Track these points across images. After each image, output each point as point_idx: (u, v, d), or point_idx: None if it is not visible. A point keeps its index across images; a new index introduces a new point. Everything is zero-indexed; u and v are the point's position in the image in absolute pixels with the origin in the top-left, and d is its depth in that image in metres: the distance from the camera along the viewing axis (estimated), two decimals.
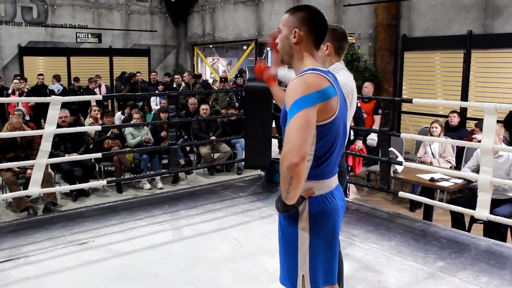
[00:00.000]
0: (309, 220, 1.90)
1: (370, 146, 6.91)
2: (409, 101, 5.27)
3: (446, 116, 7.15)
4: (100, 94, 11.00)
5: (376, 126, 6.66)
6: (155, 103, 10.21)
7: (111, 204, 5.17)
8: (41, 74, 11.12)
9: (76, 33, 13.17)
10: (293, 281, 1.96)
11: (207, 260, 3.74)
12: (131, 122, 7.32)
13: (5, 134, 5.20)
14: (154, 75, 11.94)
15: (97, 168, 6.95)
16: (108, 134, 6.98)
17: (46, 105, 4.61)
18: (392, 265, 3.68)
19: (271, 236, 4.26)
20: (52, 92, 10.02)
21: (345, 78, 2.52)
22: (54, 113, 4.45)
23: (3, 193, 5.84)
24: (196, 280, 3.42)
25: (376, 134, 6.04)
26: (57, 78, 11.03)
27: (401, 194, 4.89)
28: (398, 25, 8.68)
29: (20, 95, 9.64)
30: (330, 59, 2.52)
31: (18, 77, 10.68)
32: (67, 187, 5.91)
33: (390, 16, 8.63)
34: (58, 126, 4.85)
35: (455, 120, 6.91)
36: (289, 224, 1.93)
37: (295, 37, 1.89)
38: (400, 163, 5.06)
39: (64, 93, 10.28)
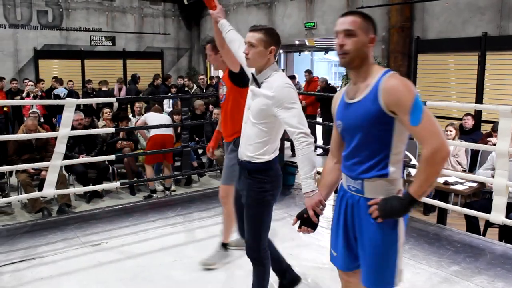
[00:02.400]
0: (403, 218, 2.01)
1: None
2: (423, 103, 5.22)
3: (461, 119, 7.07)
4: (120, 96, 11.19)
5: None
6: (168, 105, 10.27)
7: (124, 206, 5.20)
8: (55, 77, 11.25)
9: (90, 36, 13.31)
10: (390, 280, 2.00)
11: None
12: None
13: (20, 136, 5.27)
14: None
15: (110, 170, 7.00)
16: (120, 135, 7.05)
17: (60, 108, 4.65)
18: (406, 268, 3.62)
19: (283, 239, 4.25)
20: (57, 97, 10.09)
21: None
22: (69, 116, 4.48)
23: (18, 194, 5.90)
24: (209, 282, 3.42)
25: None
26: (59, 81, 11.11)
27: None
28: (411, 27, 8.64)
29: (35, 98, 9.75)
30: (269, 60, 2.54)
31: (27, 80, 10.83)
32: (81, 189, 5.96)
33: (403, 18, 8.59)
34: (74, 128, 4.90)
35: (469, 123, 6.84)
36: (389, 227, 1.97)
37: (371, 43, 1.96)
38: (414, 166, 5.01)
39: (69, 96, 10.28)
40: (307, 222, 2.20)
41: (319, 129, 10.20)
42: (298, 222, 2.23)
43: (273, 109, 2.42)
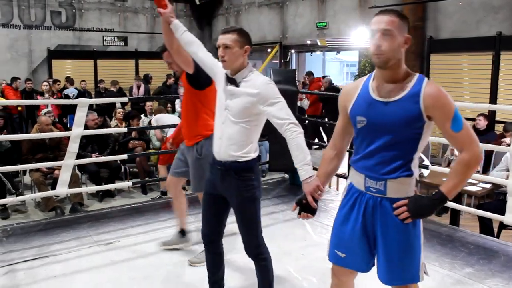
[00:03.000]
0: None
1: None
2: None
3: (474, 120, 7.01)
4: (138, 95, 11.29)
5: None
6: (179, 105, 10.31)
7: (136, 205, 5.23)
8: (68, 77, 11.35)
9: (103, 36, 13.41)
10: (416, 275, 2.06)
11: (231, 262, 3.74)
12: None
13: (34, 136, 5.33)
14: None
15: (122, 170, 7.04)
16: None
17: (71, 108, 4.69)
18: None
19: (294, 239, 4.25)
20: (67, 97, 10.17)
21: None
22: (82, 115, 4.52)
23: (32, 193, 5.96)
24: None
25: None
26: (70, 81, 11.19)
27: None
28: (424, 27, 8.57)
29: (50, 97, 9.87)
30: (245, 60, 2.57)
31: (51, 80, 10.95)
32: (93, 188, 6.02)
33: (416, 18, 8.52)
34: (88, 127, 4.94)
35: (481, 123, 6.75)
36: (413, 224, 2.03)
37: (406, 43, 1.97)
38: (426, 167, 4.98)
39: (82, 96, 10.34)
40: (306, 208, 2.24)
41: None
42: (298, 208, 2.27)
43: (258, 106, 2.49)
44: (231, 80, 2.58)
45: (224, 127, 2.60)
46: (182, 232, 4.00)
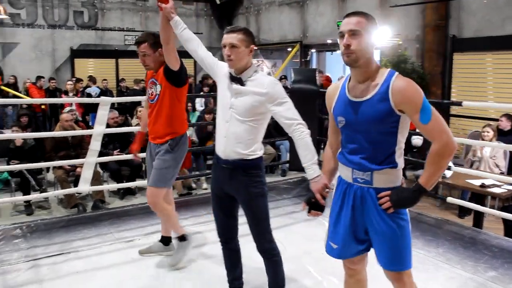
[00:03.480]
0: None
1: (416, 146, 6.72)
2: (459, 104, 5.06)
3: (498, 120, 6.87)
4: None
5: None
6: (200, 104, 10.35)
7: None
8: (90, 76, 11.50)
9: (124, 35, 13.56)
10: (408, 260, 2.18)
11: (251, 261, 3.73)
12: None
13: (57, 133, 5.42)
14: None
15: (143, 168, 7.10)
16: None
17: (93, 106, 4.74)
18: (440, 272, 3.57)
19: (314, 239, 4.22)
20: (89, 96, 10.29)
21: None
22: (103, 114, 4.57)
23: (55, 190, 6.05)
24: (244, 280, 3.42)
25: (423, 137, 5.89)
26: (93, 80, 11.30)
27: (450, 199, 4.72)
28: (447, 26, 8.43)
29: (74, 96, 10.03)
30: (250, 59, 2.62)
31: (74, 79, 11.11)
32: (114, 186, 6.08)
33: (438, 16, 8.40)
34: (108, 126, 4.99)
35: (503, 124, 6.59)
36: (401, 211, 2.14)
37: (373, 44, 2.09)
38: (449, 168, 4.90)
39: (103, 95, 10.47)
40: (316, 206, 2.35)
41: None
42: (307, 207, 2.36)
43: (266, 105, 2.53)
44: (236, 79, 2.60)
45: (229, 125, 2.60)
46: (166, 241, 3.85)
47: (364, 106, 2.07)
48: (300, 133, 2.47)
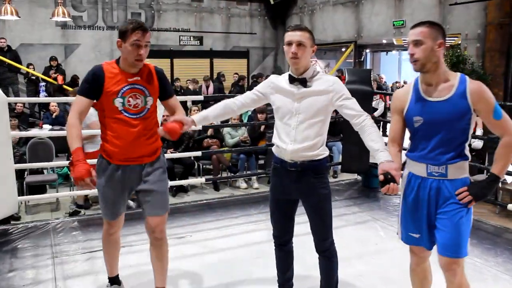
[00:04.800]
0: None
1: (475, 148, 6.42)
2: None
3: None
4: (208, 94, 11.58)
5: (479, 129, 6.21)
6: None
7: (208, 201, 5.32)
8: None
9: (179, 36, 13.83)
10: (464, 249, 2.33)
11: (301, 262, 3.70)
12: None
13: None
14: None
15: (196, 166, 7.21)
16: (208, 133, 7.23)
17: None
18: (499, 283, 3.39)
19: (365, 242, 4.13)
20: None
21: None
22: (158, 113, 4.65)
23: None
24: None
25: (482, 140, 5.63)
26: None
27: (511, 206, 4.48)
28: (511, 24, 8.02)
29: None
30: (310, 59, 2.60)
31: None
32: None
33: (502, 14, 8.01)
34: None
35: None
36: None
37: (439, 47, 2.25)
38: (510, 173, 4.64)
39: None
40: (392, 180, 2.31)
41: None
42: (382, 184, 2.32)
43: (333, 101, 2.54)
44: (298, 80, 2.56)
45: (297, 131, 2.56)
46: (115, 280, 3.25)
47: (445, 105, 2.27)
48: (371, 123, 2.49)
